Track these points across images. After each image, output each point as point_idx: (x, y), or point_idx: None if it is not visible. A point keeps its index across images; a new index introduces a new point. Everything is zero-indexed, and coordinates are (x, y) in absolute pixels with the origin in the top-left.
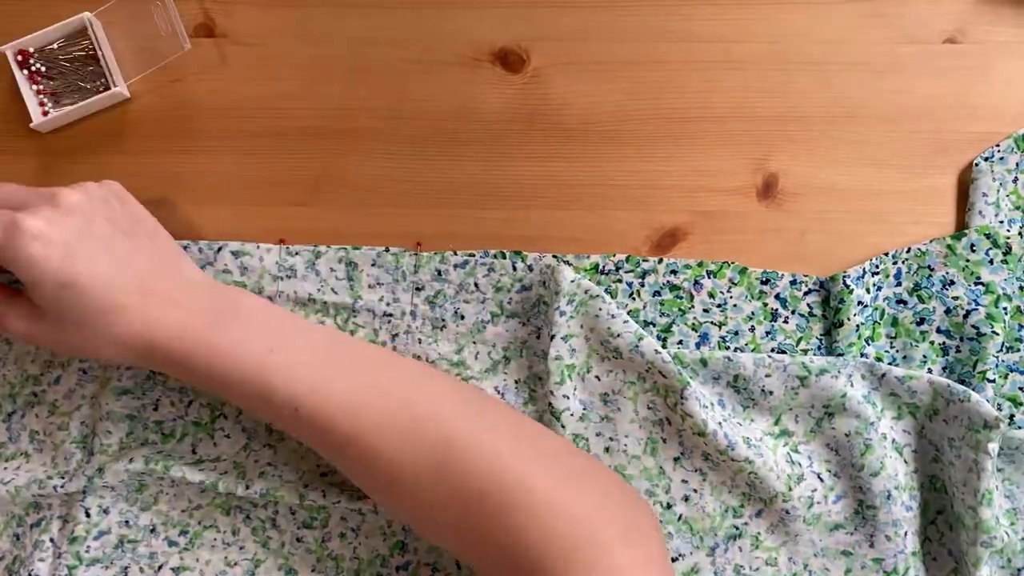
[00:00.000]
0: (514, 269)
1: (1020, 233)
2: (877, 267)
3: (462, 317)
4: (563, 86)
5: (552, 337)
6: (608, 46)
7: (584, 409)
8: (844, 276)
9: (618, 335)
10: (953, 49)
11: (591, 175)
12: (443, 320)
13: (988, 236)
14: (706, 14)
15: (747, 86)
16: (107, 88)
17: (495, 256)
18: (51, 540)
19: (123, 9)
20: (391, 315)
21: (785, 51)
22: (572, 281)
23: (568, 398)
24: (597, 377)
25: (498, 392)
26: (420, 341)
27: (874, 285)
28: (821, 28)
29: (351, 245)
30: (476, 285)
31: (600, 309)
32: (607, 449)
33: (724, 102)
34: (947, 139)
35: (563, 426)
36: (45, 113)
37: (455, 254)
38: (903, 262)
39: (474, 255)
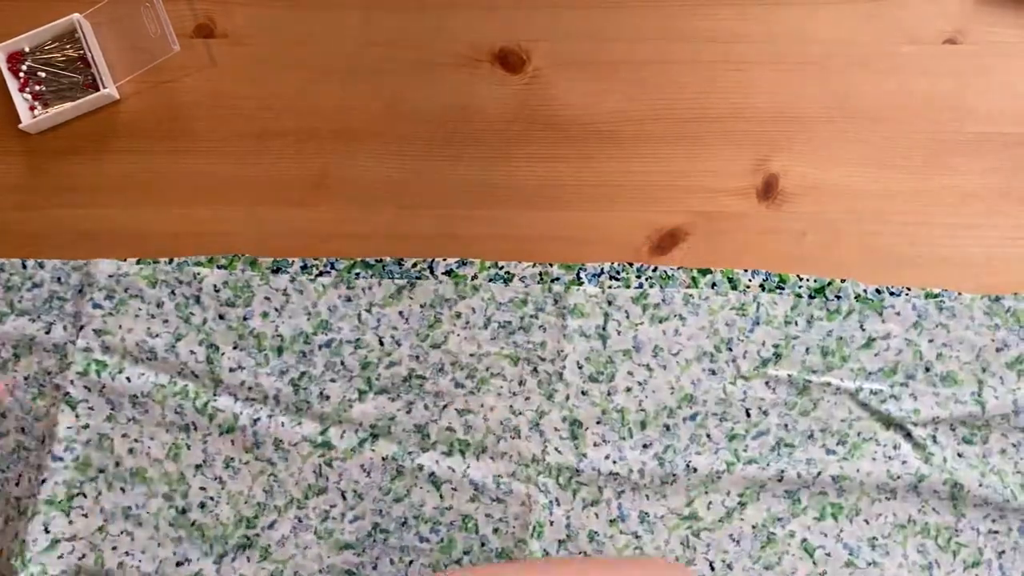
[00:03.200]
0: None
1: None
2: None
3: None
4: (563, 86)
5: (81, 328)
6: (608, 46)
7: (112, 409)
8: None
9: (156, 335)
10: (953, 49)
11: (591, 175)
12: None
13: None
14: (706, 14)
15: (747, 86)
16: (96, 89)
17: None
18: None
19: (113, 11)
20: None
21: (785, 51)
22: (111, 276)
23: (89, 389)
24: (128, 379)
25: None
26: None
27: None
28: (821, 28)
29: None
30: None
31: (140, 308)
32: (130, 450)
33: (724, 102)
34: (947, 139)
35: (77, 416)
36: (35, 114)
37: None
38: None
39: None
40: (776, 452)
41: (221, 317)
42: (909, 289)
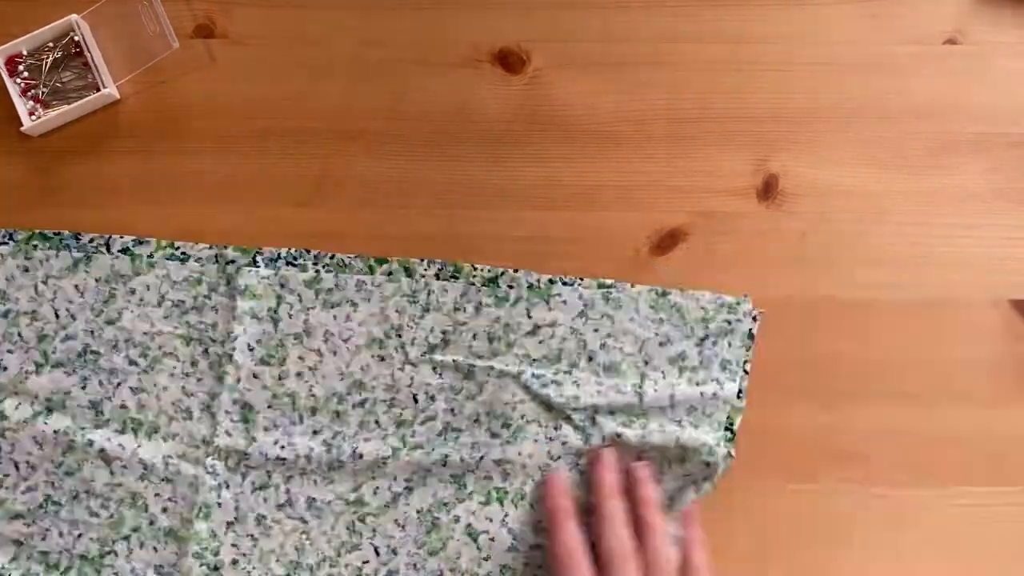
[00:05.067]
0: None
1: None
2: None
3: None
4: (563, 86)
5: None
6: (608, 46)
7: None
8: None
9: None
10: (953, 49)
11: (591, 175)
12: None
13: None
14: (706, 15)
15: (747, 86)
16: (97, 89)
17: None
18: None
19: (110, 10)
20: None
21: (785, 51)
22: None
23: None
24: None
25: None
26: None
27: None
28: (821, 28)
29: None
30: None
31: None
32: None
33: (724, 102)
34: (947, 139)
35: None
36: (35, 116)
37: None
38: None
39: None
40: (443, 437)
41: None
42: (582, 279)
